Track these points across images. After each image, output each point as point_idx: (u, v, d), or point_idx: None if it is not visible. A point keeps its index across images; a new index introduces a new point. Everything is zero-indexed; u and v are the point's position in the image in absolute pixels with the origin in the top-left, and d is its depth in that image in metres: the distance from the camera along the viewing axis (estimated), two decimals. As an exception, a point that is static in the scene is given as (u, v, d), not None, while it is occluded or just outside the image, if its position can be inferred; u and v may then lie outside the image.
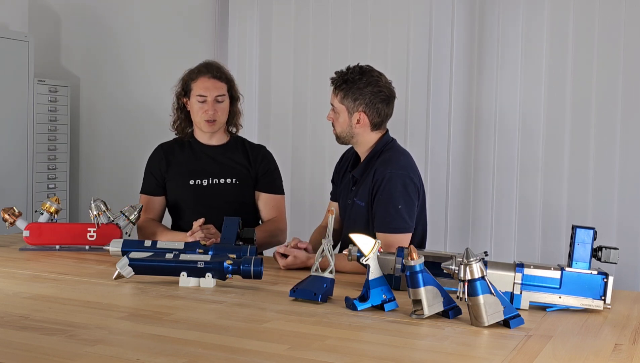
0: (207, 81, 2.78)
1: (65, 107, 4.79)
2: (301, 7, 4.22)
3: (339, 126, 2.49)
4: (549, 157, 3.69)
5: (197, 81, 2.79)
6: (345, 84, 2.44)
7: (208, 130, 2.81)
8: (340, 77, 2.46)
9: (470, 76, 3.84)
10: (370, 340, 1.62)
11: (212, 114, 2.76)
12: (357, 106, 2.44)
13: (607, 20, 3.55)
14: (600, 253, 1.91)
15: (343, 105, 2.46)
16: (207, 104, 2.76)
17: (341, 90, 2.45)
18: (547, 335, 1.67)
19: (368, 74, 2.45)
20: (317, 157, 4.20)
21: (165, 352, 1.46)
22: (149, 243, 2.38)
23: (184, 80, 2.84)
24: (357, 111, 2.44)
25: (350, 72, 2.45)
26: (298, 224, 4.07)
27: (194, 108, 2.79)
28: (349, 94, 2.44)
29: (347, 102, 2.44)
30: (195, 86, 2.78)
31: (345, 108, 2.46)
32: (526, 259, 2.14)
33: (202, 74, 2.80)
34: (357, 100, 2.43)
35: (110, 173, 4.88)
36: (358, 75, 2.44)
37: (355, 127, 2.46)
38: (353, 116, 2.45)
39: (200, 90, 2.76)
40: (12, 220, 2.72)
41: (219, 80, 2.80)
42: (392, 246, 2.26)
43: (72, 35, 4.99)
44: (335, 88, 2.47)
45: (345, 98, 2.44)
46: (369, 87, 2.43)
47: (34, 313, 1.76)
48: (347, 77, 2.44)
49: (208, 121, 2.78)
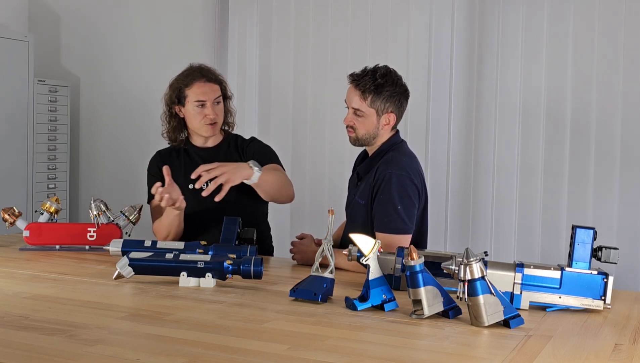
0: (204, 85, 2.76)
1: (65, 107, 4.79)
2: (301, 7, 4.23)
3: (364, 128, 2.48)
4: (549, 157, 3.69)
5: (192, 86, 2.76)
6: (375, 88, 2.44)
7: (210, 133, 2.80)
8: (370, 81, 2.44)
9: (470, 76, 3.84)
10: (370, 340, 1.62)
11: (213, 118, 2.75)
12: (388, 108, 2.46)
13: (607, 20, 3.55)
14: (600, 253, 1.91)
15: (373, 108, 2.45)
16: (207, 108, 2.75)
17: (371, 93, 2.44)
18: (547, 335, 1.67)
19: (391, 75, 2.47)
20: (317, 156, 4.20)
21: (165, 352, 1.46)
22: (149, 243, 2.38)
23: (176, 88, 2.79)
24: (387, 112, 2.46)
25: (379, 76, 2.45)
26: (298, 222, 4.07)
27: (191, 114, 2.77)
28: (380, 97, 2.44)
29: (377, 105, 2.45)
30: (190, 92, 2.76)
31: (375, 111, 2.46)
32: (526, 259, 2.14)
33: (196, 79, 2.77)
34: (387, 102, 2.45)
35: (110, 173, 4.88)
36: (384, 78, 2.44)
37: (382, 128, 2.48)
38: (382, 118, 2.46)
39: (198, 95, 2.74)
40: (12, 220, 2.72)
41: (214, 82, 2.79)
42: (391, 246, 2.26)
43: (72, 35, 4.99)
44: (365, 92, 2.45)
45: (375, 102, 2.45)
46: (396, 88, 2.46)
47: (34, 313, 1.76)
48: (377, 81, 2.44)
49: (210, 125, 2.76)
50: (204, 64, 2.88)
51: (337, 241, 2.66)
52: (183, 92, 2.78)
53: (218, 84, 2.81)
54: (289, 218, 4.20)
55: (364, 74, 2.46)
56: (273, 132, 4.30)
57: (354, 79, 2.48)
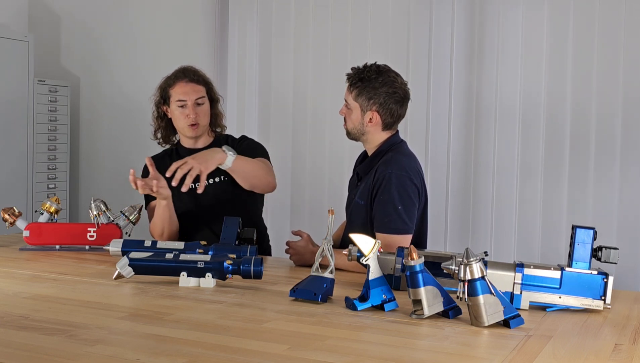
0: (185, 85, 2.78)
1: (65, 107, 4.79)
2: (301, 7, 4.23)
3: (351, 122, 2.50)
4: (549, 157, 3.69)
5: (174, 86, 2.79)
6: (360, 82, 2.44)
7: (192, 134, 2.81)
8: (357, 75, 2.46)
9: (470, 76, 3.84)
10: (370, 340, 1.62)
11: (193, 118, 2.76)
12: (371, 105, 2.44)
13: (607, 20, 3.55)
14: (600, 253, 1.91)
15: (357, 103, 2.46)
16: (188, 108, 2.76)
17: (356, 87, 2.45)
18: (547, 335, 1.67)
19: (385, 74, 2.45)
20: (317, 156, 4.20)
21: (165, 352, 1.46)
22: (149, 243, 2.38)
23: (162, 88, 2.83)
24: (371, 109, 2.45)
25: (367, 71, 2.45)
26: (298, 222, 4.07)
27: (175, 114, 2.79)
28: (364, 92, 2.44)
29: (361, 100, 2.45)
30: (173, 92, 2.78)
31: (358, 106, 2.46)
32: (526, 259, 2.14)
33: (179, 79, 2.79)
34: (371, 99, 2.44)
35: (110, 173, 4.88)
36: (375, 74, 2.44)
37: (366, 125, 2.47)
38: (366, 114, 2.46)
39: (179, 95, 2.76)
40: (12, 220, 2.72)
41: (196, 83, 2.80)
42: (391, 246, 2.26)
43: (72, 35, 4.99)
44: (351, 85, 2.47)
45: (360, 96, 2.45)
46: (384, 88, 2.44)
47: (34, 313, 1.76)
48: (364, 75, 2.44)
49: (191, 125, 2.77)
50: (190, 66, 2.90)
51: (337, 241, 2.65)
52: (167, 93, 2.81)
53: (202, 85, 2.82)
54: (289, 218, 4.20)
55: (358, 68, 2.48)
56: (273, 132, 4.30)
57: (350, 70, 2.51)
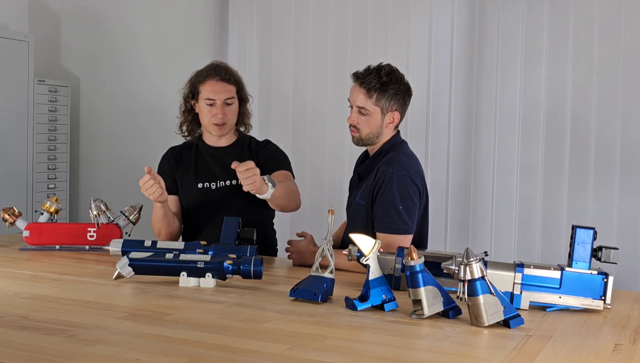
0: (216, 84, 2.72)
1: (65, 107, 4.79)
2: (301, 7, 4.23)
3: (368, 127, 2.48)
4: (549, 157, 3.69)
5: (205, 83, 2.73)
6: (381, 86, 2.44)
7: (217, 133, 2.77)
8: (376, 79, 2.45)
9: (470, 76, 3.84)
10: (370, 340, 1.62)
11: (221, 118, 2.72)
12: (392, 105, 2.46)
13: (607, 20, 3.55)
14: (600, 253, 1.91)
15: (378, 106, 2.46)
16: (216, 107, 2.71)
17: (377, 91, 2.45)
18: (547, 335, 1.67)
19: (396, 73, 2.49)
20: (317, 156, 4.20)
21: (165, 352, 1.46)
22: (149, 243, 2.38)
23: (192, 82, 2.77)
24: (392, 110, 2.47)
25: (384, 73, 2.45)
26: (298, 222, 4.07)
27: (203, 111, 2.74)
28: (386, 94, 2.45)
29: (382, 103, 2.45)
30: (203, 89, 2.72)
31: (380, 109, 2.46)
32: (526, 259, 2.14)
33: (210, 76, 2.73)
34: (392, 100, 2.46)
35: (110, 173, 4.88)
36: (389, 75, 2.45)
37: (386, 126, 2.48)
38: (386, 116, 2.47)
39: (208, 93, 2.71)
40: (12, 220, 2.72)
41: (227, 82, 2.74)
42: (392, 247, 2.26)
43: (72, 35, 4.99)
44: (370, 90, 2.45)
45: (381, 99, 2.45)
46: (400, 86, 2.47)
47: (34, 313, 1.76)
48: (383, 79, 2.44)
49: (217, 125, 2.73)
50: (223, 63, 2.85)
51: (337, 241, 2.66)
52: (197, 88, 2.75)
53: (233, 85, 2.76)
54: (289, 218, 4.20)
55: (369, 72, 2.46)
56: (273, 132, 4.29)
57: (358, 77, 2.48)
